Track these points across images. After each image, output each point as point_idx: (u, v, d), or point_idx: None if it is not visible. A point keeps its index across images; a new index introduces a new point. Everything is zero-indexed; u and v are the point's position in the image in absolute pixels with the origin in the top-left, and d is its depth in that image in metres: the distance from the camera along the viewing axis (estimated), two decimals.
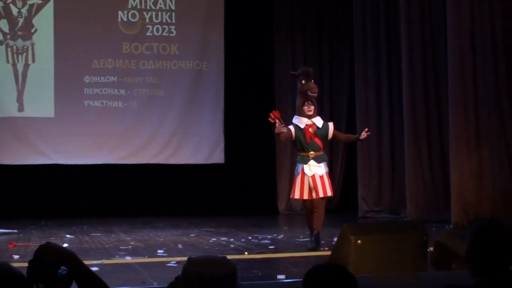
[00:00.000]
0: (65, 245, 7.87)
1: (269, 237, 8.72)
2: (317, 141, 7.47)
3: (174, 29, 12.74)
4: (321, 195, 7.32)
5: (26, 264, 2.38)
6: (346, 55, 13.26)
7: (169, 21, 12.73)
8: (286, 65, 13.03)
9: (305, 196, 7.39)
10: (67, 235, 9.10)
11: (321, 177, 7.37)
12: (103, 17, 12.47)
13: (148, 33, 12.66)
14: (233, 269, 2.24)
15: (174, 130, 12.61)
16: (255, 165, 12.79)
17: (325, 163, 7.49)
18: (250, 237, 8.64)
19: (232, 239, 8.46)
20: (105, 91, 12.41)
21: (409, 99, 10.77)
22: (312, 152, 7.42)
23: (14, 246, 7.90)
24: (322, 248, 7.28)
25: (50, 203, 11.82)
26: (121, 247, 7.73)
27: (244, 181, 12.70)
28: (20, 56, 12.17)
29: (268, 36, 13.12)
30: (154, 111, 12.53)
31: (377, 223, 9.23)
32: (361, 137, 7.65)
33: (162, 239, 8.68)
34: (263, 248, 7.61)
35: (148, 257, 6.96)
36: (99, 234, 9.28)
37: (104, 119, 12.32)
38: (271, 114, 7.59)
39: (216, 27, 12.84)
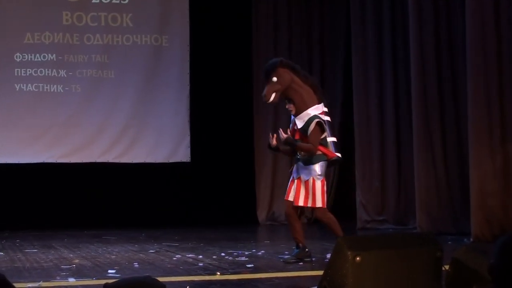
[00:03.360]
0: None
1: (246, 253, 8.76)
2: (304, 141, 7.73)
3: None
4: (299, 203, 7.78)
5: None
6: (341, 28, 13.30)
7: None
8: (266, 40, 13.08)
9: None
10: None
11: (306, 182, 7.71)
12: None
13: (94, 1, 12.65)
14: None
15: (128, 121, 12.61)
16: (229, 165, 12.84)
17: (314, 166, 7.69)
18: (223, 254, 8.67)
19: (201, 256, 8.48)
20: (41, 72, 12.39)
21: (418, 85, 10.80)
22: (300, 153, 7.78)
23: None
24: (313, 265, 7.34)
25: (42, 210, 11.85)
26: (62, 267, 7.72)
27: (215, 185, 12.75)
28: None
29: (245, 3, 13.14)
30: (102, 97, 12.53)
31: (379, 236, 9.28)
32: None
33: (113, 256, 8.68)
34: (239, 267, 7.64)
35: (97, 278, 6.97)
36: (35, 251, 9.26)
37: (40, 107, 12.31)
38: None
39: None
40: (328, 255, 6.35)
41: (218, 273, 7.19)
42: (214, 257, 8.45)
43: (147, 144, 12.66)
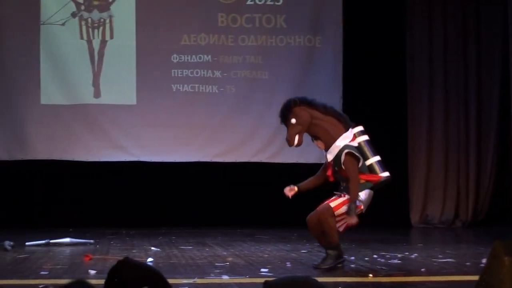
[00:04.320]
0: (150, 259, 8.11)
1: (399, 255, 8.68)
2: (341, 174, 7.55)
3: None
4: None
5: (103, 281, 2.46)
6: (498, 23, 12.92)
7: None
8: (420, 39, 12.90)
9: None
10: (152, 248, 9.36)
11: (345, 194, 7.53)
12: None
13: (249, 2, 12.79)
14: None
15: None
16: None
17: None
18: (375, 256, 8.62)
19: (352, 257, 8.46)
20: (196, 73, 12.64)
21: None
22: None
23: (90, 259, 8.20)
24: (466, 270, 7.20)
25: (131, 209, 12.19)
26: (216, 264, 7.87)
27: None
28: (96, 31, 12.58)
29: (400, 8, 12.98)
30: (256, 98, 12.65)
31: None
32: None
33: (266, 255, 8.79)
34: (392, 270, 7.58)
35: (250, 277, 7.07)
36: (190, 248, 9.48)
37: (196, 107, 12.55)
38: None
39: None
40: (483, 260, 6.22)
41: (371, 275, 7.16)
42: (367, 258, 8.41)
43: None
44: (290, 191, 7.89)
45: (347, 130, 7.64)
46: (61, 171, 12.33)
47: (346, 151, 7.46)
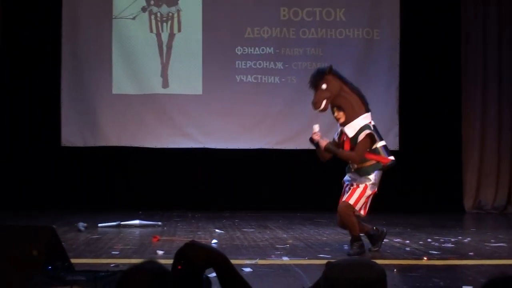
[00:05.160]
0: (214, 241, 8.17)
1: (453, 240, 8.60)
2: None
3: None
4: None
5: (171, 261, 2.48)
6: None
7: None
8: (475, 31, 12.71)
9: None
10: (216, 230, 9.43)
11: (358, 184, 7.38)
12: None
13: None
14: (383, 272, 2.25)
15: None
16: (436, 154, 12.60)
17: (370, 175, 7.37)
18: (429, 240, 8.56)
19: (407, 241, 8.42)
20: (259, 64, 12.67)
21: None
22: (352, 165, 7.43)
23: (158, 240, 8.30)
24: None
25: (197, 193, 12.29)
26: (277, 246, 7.90)
27: (423, 173, 12.55)
28: (164, 24, 12.68)
29: (455, 2, 12.81)
30: None
31: None
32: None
33: (324, 238, 8.79)
34: (445, 253, 7.52)
35: (308, 258, 7.08)
36: (252, 230, 9.53)
37: (259, 97, 12.58)
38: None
39: None
40: None
41: (425, 258, 7.11)
42: (421, 242, 8.36)
43: None
44: (316, 135, 7.56)
45: (367, 112, 7.54)
46: (131, 157, 12.46)
47: (367, 131, 7.35)
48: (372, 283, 2.22)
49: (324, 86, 7.43)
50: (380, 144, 7.50)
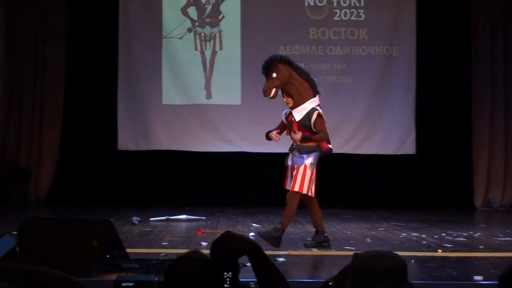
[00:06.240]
0: (251, 234, 8.15)
1: (464, 234, 8.50)
2: (305, 133, 7.19)
3: (363, 13, 12.69)
4: (287, 187, 7.26)
5: None
6: None
7: (357, 4, 12.70)
8: (484, 43, 12.57)
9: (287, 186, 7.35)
10: (253, 224, 9.41)
11: (298, 168, 7.14)
12: (290, 2, 12.71)
13: (336, 18, 12.72)
14: (404, 263, 2.27)
15: (362, 119, 12.60)
16: (449, 156, 12.48)
17: (308, 155, 7.16)
18: (443, 234, 8.47)
19: (424, 235, 8.33)
20: None
21: None
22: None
23: (202, 233, 8.31)
24: None
25: (236, 191, 12.28)
26: (307, 239, 7.86)
27: (437, 174, 12.44)
28: (208, 43, 12.71)
29: (465, 20, 12.68)
30: (341, 99, 12.57)
31: None
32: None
33: (349, 232, 8.74)
34: (458, 246, 7.43)
35: (335, 250, 7.04)
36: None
37: None
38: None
39: (408, 10, 12.64)
40: None
41: (439, 250, 7.04)
42: (436, 236, 8.27)
43: (378, 138, 12.58)
44: (276, 136, 7.51)
45: (315, 96, 7.36)
46: (178, 160, 12.50)
47: (316, 112, 7.18)
48: (395, 272, 2.23)
49: (274, 74, 7.28)
50: None
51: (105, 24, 12.57)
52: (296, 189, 7.14)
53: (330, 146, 7.37)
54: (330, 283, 2.64)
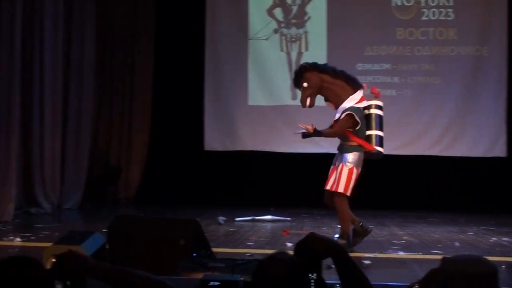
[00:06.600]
0: (336, 236, 8.09)
1: None
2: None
3: (452, 12, 12.45)
4: (327, 187, 7.13)
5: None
6: None
7: (446, 4, 12.47)
8: None
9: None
10: (338, 226, 9.32)
11: (339, 166, 7.05)
12: (376, 2, 12.59)
13: (424, 18, 12.52)
14: (495, 268, 2.23)
15: (451, 120, 12.35)
16: None
17: (347, 154, 7.01)
18: None
19: None
20: (378, 79, 12.50)
21: None
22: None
23: (288, 233, 8.31)
24: None
25: (322, 192, 12.17)
26: (393, 241, 7.77)
27: None
28: (293, 44, 12.72)
29: None
30: (429, 100, 12.37)
31: None
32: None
33: (437, 235, 8.57)
34: None
35: (423, 253, 6.92)
36: (371, 227, 9.37)
37: None
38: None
39: (499, 8, 12.33)
40: None
41: None
42: None
43: (468, 140, 12.30)
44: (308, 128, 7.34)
45: (354, 92, 7.22)
46: (264, 160, 12.54)
47: (347, 112, 7.09)
48: (486, 277, 2.18)
49: (305, 84, 7.28)
50: (375, 133, 7.26)
51: (192, 27, 12.75)
52: (340, 190, 7.09)
53: (378, 148, 7.28)
54: (415, 287, 2.60)
